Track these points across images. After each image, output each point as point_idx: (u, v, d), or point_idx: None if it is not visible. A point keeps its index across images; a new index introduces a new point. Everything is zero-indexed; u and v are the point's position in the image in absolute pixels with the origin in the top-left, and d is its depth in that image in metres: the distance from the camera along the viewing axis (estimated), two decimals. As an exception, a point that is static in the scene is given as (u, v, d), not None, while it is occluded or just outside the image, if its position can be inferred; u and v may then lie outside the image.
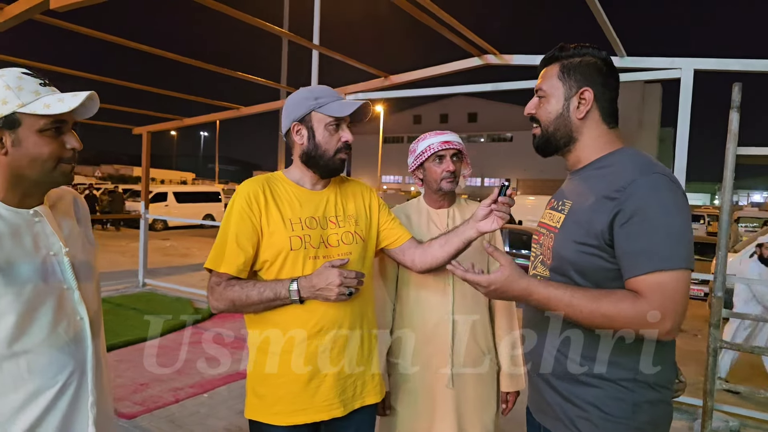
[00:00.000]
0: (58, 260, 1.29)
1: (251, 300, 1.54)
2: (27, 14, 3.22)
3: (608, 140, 1.40)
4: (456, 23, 3.96)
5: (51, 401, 1.24)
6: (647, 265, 1.18)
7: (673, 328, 1.17)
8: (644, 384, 1.28)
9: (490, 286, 1.32)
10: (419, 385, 1.96)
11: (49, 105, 1.19)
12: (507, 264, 1.31)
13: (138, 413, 3.53)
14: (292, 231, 1.60)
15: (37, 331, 1.21)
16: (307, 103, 1.64)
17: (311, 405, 1.60)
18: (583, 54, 1.39)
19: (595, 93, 1.37)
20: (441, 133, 2.02)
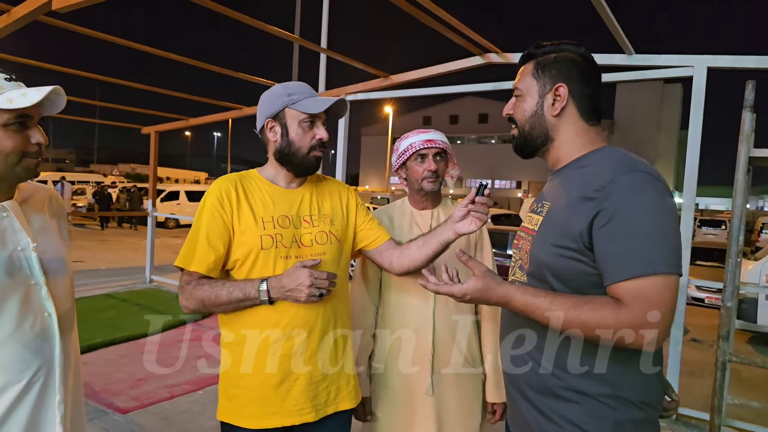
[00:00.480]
0: (26, 255, 1.28)
1: (220, 300, 1.52)
2: (32, 15, 3.28)
3: (588, 138, 1.34)
4: (456, 22, 3.95)
5: (16, 398, 1.24)
6: (628, 271, 1.10)
7: (659, 337, 1.10)
8: (626, 401, 1.20)
9: (464, 296, 1.28)
10: (399, 390, 1.91)
11: (11, 99, 1.19)
12: (480, 274, 1.26)
13: (132, 408, 3.57)
14: (264, 230, 1.57)
15: (2, 326, 1.21)
16: (280, 99, 1.61)
17: (282, 409, 1.57)
18: (559, 50, 1.34)
19: (570, 89, 1.31)
20: (424, 131, 1.98)
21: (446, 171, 2.05)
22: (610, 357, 1.21)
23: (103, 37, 4.34)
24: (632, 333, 1.10)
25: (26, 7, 3.20)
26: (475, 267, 1.28)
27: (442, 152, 1.96)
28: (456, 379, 1.91)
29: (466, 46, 4.50)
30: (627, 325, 1.10)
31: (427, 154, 1.95)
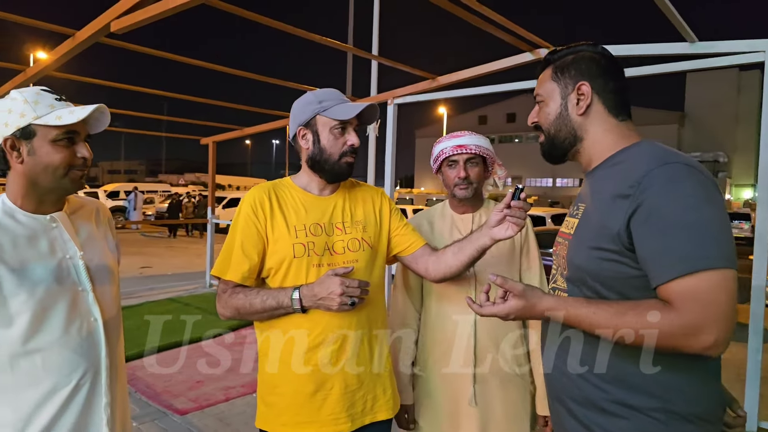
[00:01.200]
0: (74, 263, 1.37)
1: (255, 308, 1.54)
2: (93, 38, 3.48)
3: (620, 134, 1.28)
4: (503, 19, 3.86)
5: (66, 400, 1.32)
6: (674, 269, 1.03)
7: (718, 341, 1.00)
8: (678, 416, 1.11)
9: (508, 315, 1.25)
10: (442, 400, 1.87)
11: (60, 117, 1.30)
12: (519, 293, 1.23)
13: (190, 410, 3.70)
14: (296, 238, 1.58)
15: (50, 329, 1.29)
16: (311, 107, 1.62)
17: (317, 418, 1.56)
18: (575, 51, 1.32)
19: (593, 86, 1.28)
20: (457, 135, 1.93)
21: (487, 174, 2.00)
22: (660, 367, 1.13)
23: (161, 54, 4.54)
24: (684, 338, 1.02)
25: (88, 31, 3.40)
26: (513, 287, 1.24)
27: (476, 157, 1.90)
28: (501, 389, 1.84)
29: (515, 43, 4.38)
30: (678, 330, 1.02)
31: (458, 161, 1.91)
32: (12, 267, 1.26)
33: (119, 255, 1.64)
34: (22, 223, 1.32)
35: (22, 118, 1.29)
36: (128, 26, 3.19)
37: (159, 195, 26.97)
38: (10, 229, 1.30)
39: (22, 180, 1.33)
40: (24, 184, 1.34)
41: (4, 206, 1.33)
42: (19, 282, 1.26)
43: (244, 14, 3.46)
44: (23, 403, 1.28)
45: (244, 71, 5.21)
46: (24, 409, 1.29)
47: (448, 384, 1.86)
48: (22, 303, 1.26)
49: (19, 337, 1.26)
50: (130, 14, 3.12)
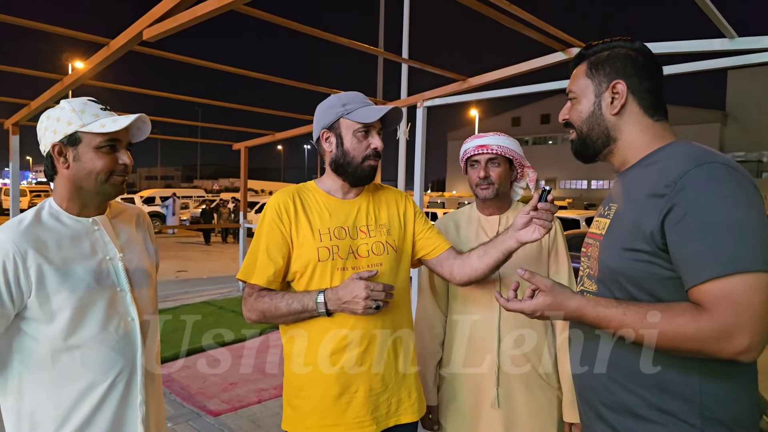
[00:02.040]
0: (113, 264, 1.44)
1: (280, 312, 1.55)
2: (127, 46, 3.58)
3: (655, 134, 1.25)
4: (533, 18, 3.80)
5: (103, 395, 1.38)
6: (709, 270, 1.00)
7: (751, 346, 0.97)
8: (715, 421, 1.07)
9: (534, 312, 1.23)
10: (466, 402, 1.86)
11: (104, 125, 1.38)
12: (547, 288, 1.21)
13: (224, 411, 3.75)
14: (320, 242, 1.58)
15: (89, 327, 1.36)
16: (335, 110, 1.63)
17: (342, 421, 1.57)
18: (611, 47, 1.28)
19: (629, 85, 1.24)
20: (481, 135, 1.92)
21: (515, 176, 1.97)
22: (695, 371, 1.09)
23: (192, 61, 4.63)
24: (716, 342, 0.99)
25: (121, 39, 3.51)
26: (541, 282, 1.22)
27: (499, 158, 1.88)
28: (527, 393, 1.81)
29: (546, 42, 4.31)
30: (709, 333, 0.99)
31: (479, 160, 1.90)
32: (56, 266, 1.33)
33: (158, 259, 1.70)
34: (66, 225, 1.41)
35: (69, 126, 1.38)
36: (160, 34, 3.27)
37: (194, 200, 27.55)
38: (55, 230, 1.38)
39: (67, 184, 1.41)
40: (69, 188, 1.42)
41: (51, 209, 1.42)
42: (62, 280, 1.33)
43: (274, 20, 3.50)
44: (64, 398, 1.35)
45: (274, 76, 5.29)
46: (65, 404, 1.35)
47: (472, 385, 1.86)
48: (64, 300, 1.32)
49: (60, 332, 1.33)
50: (161, 22, 3.20)
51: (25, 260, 1.29)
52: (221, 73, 4.98)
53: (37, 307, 1.31)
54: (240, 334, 5.60)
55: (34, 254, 1.31)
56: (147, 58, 3.87)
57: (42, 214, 1.40)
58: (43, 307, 1.31)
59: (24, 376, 1.35)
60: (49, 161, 1.42)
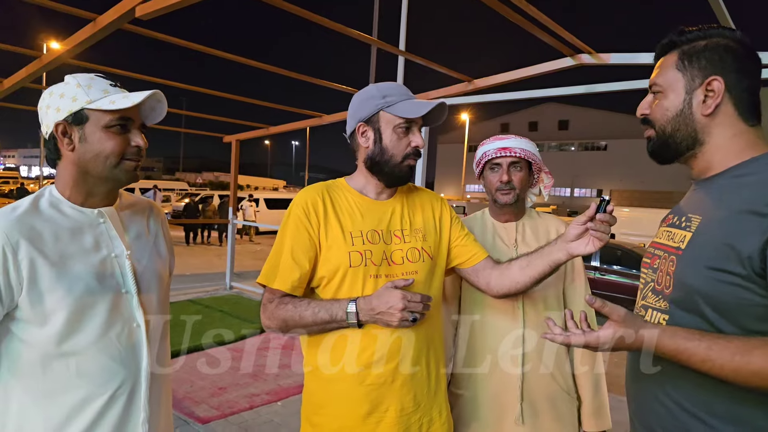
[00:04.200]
0: (119, 263, 1.28)
1: (305, 321, 1.40)
2: (116, 24, 3.35)
3: (749, 141, 1.11)
4: (547, 20, 3.69)
5: (100, 411, 1.21)
6: None
7: None
8: None
9: (604, 345, 1.09)
10: (489, 418, 1.75)
11: (114, 101, 1.22)
12: (620, 319, 1.07)
13: (213, 418, 3.56)
14: (352, 245, 1.44)
15: (87, 332, 1.20)
16: (374, 101, 1.48)
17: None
18: (709, 36, 1.12)
19: (726, 82, 1.09)
20: (502, 137, 1.81)
21: (532, 181, 1.88)
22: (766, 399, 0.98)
23: (183, 44, 4.42)
24: None
25: (110, 16, 3.28)
26: (613, 312, 1.07)
27: (521, 161, 1.78)
28: (551, 407, 1.73)
29: (557, 46, 4.20)
30: None
31: (501, 164, 1.79)
32: (51, 261, 1.17)
33: (173, 260, 1.53)
34: (67, 216, 1.24)
35: (74, 102, 1.22)
36: (154, 12, 3.07)
37: (176, 193, 27.06)
38: (53, 220, 1.22)
39: (72, 169, 1.25)
40: (74, 174, 1.25)
41: (51, 197, 1.26)
42: (58, 277, 1.17)
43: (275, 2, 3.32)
44: (55, 412, 1.19)
45: (269, 65, 5.10)
46: (56, 419, 1.19)
47: (494, 402, 1.75)
48: (59, 300, 1.16)
49: (53, 337, 1.17)
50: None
51: (17, 252, 1.13)
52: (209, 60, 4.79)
53: (29, 306, 1.15)
54: (229, 336, 5.40)
55: (27, 246, 1.14)
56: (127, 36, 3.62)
57: (40, 201, 1.23)
58: (35, 308, 1.15)
59: (11, 385, 1.19)
60: (52, 143, 1.25)
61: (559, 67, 4.62)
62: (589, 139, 52.74)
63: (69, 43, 3.70)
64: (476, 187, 62.62)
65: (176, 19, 53.88)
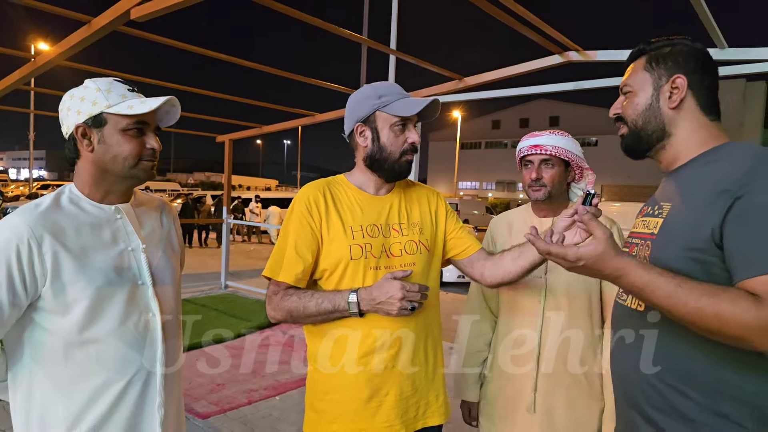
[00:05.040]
0: (135, 256, 1.35)
1: (309, 311, 1.47)
2: (111, 26, 3.38)
3: (710, 133, 1.23)
4: (533, 18, 3.77)
5: (118, 396, 1.29)
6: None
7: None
8: (766, 421, 1.05)
9: (577, 261, 1.12)
10: (505, 404, 1.85)
11: (132, 106, 1.29)
12: (602, 237, 1.10)
13: (212, 413, 3.62)
14: (353, 239, 1.51)
15: (106, 321, 1.27)
16: (370, 102, 1.55)
17: (371, 425, 1.50)
18: (673, 44, 1.27)
19: (689, 80, 1.23)
20: (537, 134, 1.86)
21: (572, 177, 1.90)
22: (752, 373, 1.07)
23: (178, 45, 4.45)
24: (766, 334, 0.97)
25: (106, 18, 3.30)
26: (597, 229, 1.12)
27: (553, 159, 1.82)
28: (565, 399, 1.77)
29: (544, 44, 4.29)
30: (765, 324, 0.96)
31: (533, 161, 1.84)
32: (73, 254, 1.24)
33: (183, 256, 1.60)
34: (86, 212, 1.32)
35: (94, 106, 1.29)
36: (149, 14, 3.11)
37: (168, 194, 26.92)
38: (75, 216, 1.29)
39: (91, 168, 1.33)
40: (93, 173, 1.33)
41: (71, 194, 1.33)
42: (79, 269, 1.24)
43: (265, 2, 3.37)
44: (76, 397, 1.26)
45: (261, 65, 5.14)
46: (77, 404, 1.26)
47: (512, 388, 1.84)
48: (81, 291, 1.23)
49: (75, 325, 1.23)
50: (151, 1, 3.04)
51: (41, 245, 1.20)
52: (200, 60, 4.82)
53: (52, 297, 1.21)
54: (226, 334, 5.44)
55: (51, 240, 1.21)
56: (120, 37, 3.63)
57: (61, 198, 1.30)
58: (57, 298, 1.21)
59: (35, 372, 1.25)
60: (72, 144, 1.32)
61: (547, 64, 4.71)
62: (580, 134, 53.12)
63: (63, 46, 3.73)
64: (469, 184, 62.89)
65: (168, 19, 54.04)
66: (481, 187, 61.53)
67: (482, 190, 60.01)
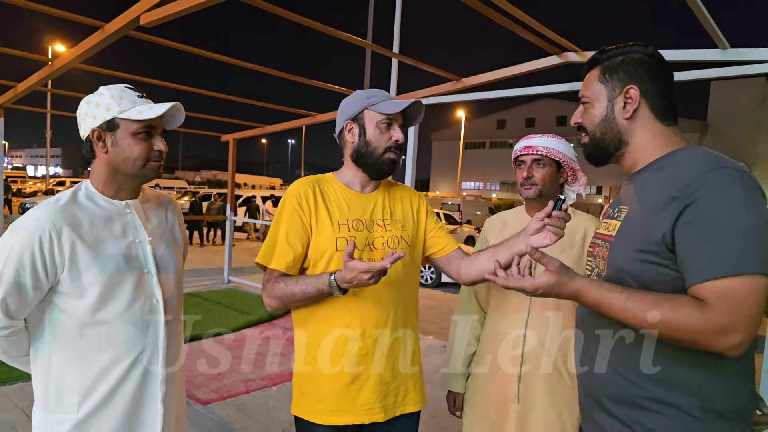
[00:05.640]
0: (142, 247, 1.49)
1: (296, 297, 1.57)
2: (122, 31, 3.53)
3: (666, 139, 1.28)
4: (531, 20, 3.86)
5: (125, 372, 1.42)
6: (714, 271, 1.05)
7: (743, 342, 1.04)
8: (715, 413, 1.13)
9: (536, 290, 1.24)
10: (489, 394, 1.94)
11: (141, 112, 1.41)
12: (554, 269, 1.21)
13: (212, 400, 3.76)
14: (339, 232, 1.62)
15: (116, 304, 1.40)
16: (360, 102, 1.67)
17: (353, 407, 1.61)
18: (625, 52, 1.31)
19: (641, 90, 1.28)
20: (531, 137, 1.96)
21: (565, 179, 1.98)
22: (697, 365, 1.15)
23: (186, 49, 4.58)
24: (713, 336, 1.05)
25: (117, 23, 3.45)
26: (549, 263, 1.23)
27: (545, 159, 1.91)
28: (547, 392, 1.85)
29: (542, 46, 4.38)
30: (712, 327, 1.04)
31: (525, 161, 1.94)
32: (88, 244, 1.37)
33: (186, 249, 1.74)
34: (100, 206, 1.45)
35: (108, 111, 1.41)
36: (158, 20, 3.23)
37: (176, 192, 27.08)
38: (89, 210, 1.42)
39: (105, 168, 1.46)
40: (107, 172, 1.46)
41: (87, 190, 1.46)
42: (93, 258, 1.37)
43: (269, 8, 3.48)
44: (88, 371, 1.39)
45: (265, 67, 5.26)
46: (89, 377, 1.39)
47: (497, 380, 1.92)
48: (94, 277, 1.37)
49: (88, 307, 1.37)
50: (160, 8, 3.16)
51: (60, 236, 1.33)
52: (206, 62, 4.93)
53: (69, 282, 1.35)
54: (226, 326, 5.59)
55: (69, 231, 1.35)
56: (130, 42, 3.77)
57: (78, 194, 1.44)
58: (74, 283, 1.35)
59: (53, 347, 1.39)
60: (88, 145, 1.45)
61: (546, 65, 4.79)
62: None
63: (78, 50, 3.90)
64: (472, 184, 62.71)
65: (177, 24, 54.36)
66: (484, 188, 61.40)
67: (486, 191, 59.87)
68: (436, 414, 1.75)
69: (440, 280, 10.16)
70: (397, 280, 1.66)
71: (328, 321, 1.61)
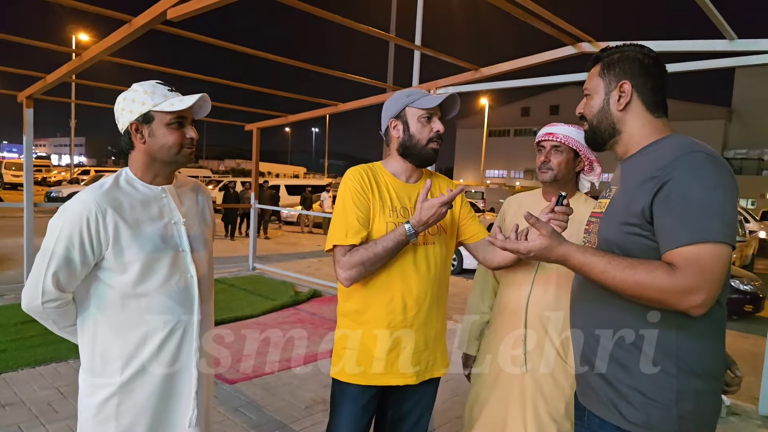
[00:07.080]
0: (177, 228, 1.65)
1: (379, 255, 1.70)
2: (149, 24, 3.68)
3: (655, 128, 1.43)
4: (546, 13, 3.92)
5: (163, 339, 1.59)
6: (683, 238, 1.20)
7: (705, 302, 1.18)
8: (689, 371, 1.29)
9: (529, 253, 1.40)
10: (497, 359, 2.10)
11: (173, 104, 1.57)
12: (546, 233, 1.38)
13: (239, 379, 3.96)
14: (389, 217, 1.80)
15: (155, 279, 1.57)
16: (401, 101, 1.85)
17: (390, 371, 1.81)
18: (622, 51, 1.46)
19: (634, 85, 1.42)
20: (554, 125, 2.09)
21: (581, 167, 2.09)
22: (673, 329, 1.30)
23: (211, 41, 4.75)
24: (679, 295, 1.19)
25: (144, 18, 3.60)
26: (542, 227, 1.39)
27: (563, 146, 2.04)
28: (545, 368, 2.00)
29: (557, 36, 4.43)
30: (679, 287, 1.19)
31: (544, 146, 2.08)
32: (129, 224, 1.53)
33: (214, 229, 1.89)
34: (139, 191, 1.61)
35: (143, 105, 1.56)
36: (184, 14, 3.38)
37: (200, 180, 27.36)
38: (130, 194, 1.58)
39: (143, 157, 1.61)
40: (145, 161, 1.61)
41: (127, 176, 1.62)
42: (134, 237, 1.53)
43: (295, 4, 3.61)
44: (130, 339, 1.56)
45: (288, 59, 5.40)
46: (130, 345, 1.56)
47: (506, 348, 2.08)
48: (135, 254, 1.53)
49: (130, 282, 1.53)
50: (187, 2, 3.30)
51: (105, 217, 1.49)
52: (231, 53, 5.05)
53: (113, 258, 1.51)
54: (252, 311, 5.82)
55: (112, 213, 1.51)
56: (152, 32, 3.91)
57: (120, 180, 1.60)
58: (117, 259, 1.52)
59: (98, 318, 1.56)
60: (127, 137, 1.59)
61: (561, 55, 4.84)
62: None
63: (107, 43, 4.07)
64: (495, 172, 62.24)
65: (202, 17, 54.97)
66: (508, 176, 61.00)
67: (510, 179, 59.49)
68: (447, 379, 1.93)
69: (462, 267, 10.27)
70: (435, 262, 1.84)
71: (374, 295, 1.79)
